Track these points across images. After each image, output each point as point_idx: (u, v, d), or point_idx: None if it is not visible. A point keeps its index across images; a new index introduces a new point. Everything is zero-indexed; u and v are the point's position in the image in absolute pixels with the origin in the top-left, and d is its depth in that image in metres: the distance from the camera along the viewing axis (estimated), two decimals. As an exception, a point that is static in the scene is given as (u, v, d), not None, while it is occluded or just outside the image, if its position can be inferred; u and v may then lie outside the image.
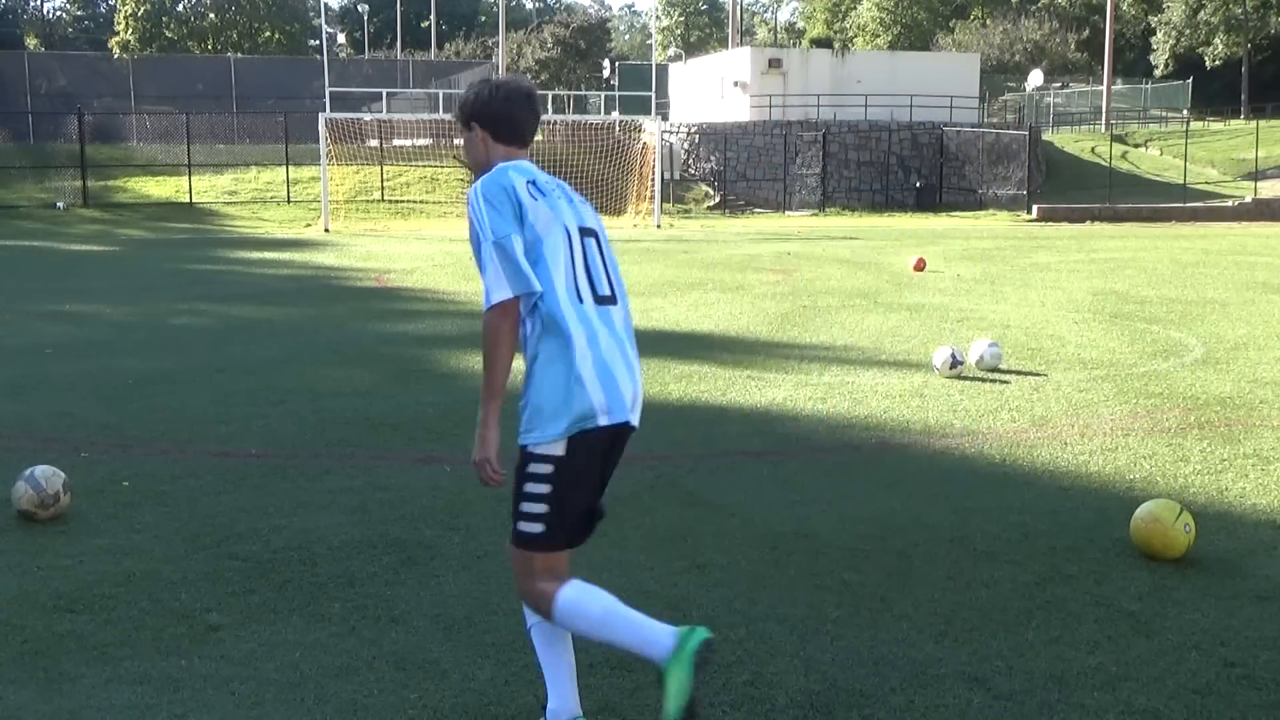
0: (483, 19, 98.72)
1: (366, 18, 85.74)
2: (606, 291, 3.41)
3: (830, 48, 59.86)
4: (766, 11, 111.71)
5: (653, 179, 33.39)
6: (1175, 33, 66.23)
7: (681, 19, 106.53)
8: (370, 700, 3.82)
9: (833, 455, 7.11)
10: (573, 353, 3.25)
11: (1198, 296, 15.10)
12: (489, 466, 3.28)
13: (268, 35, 69.58)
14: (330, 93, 33.06)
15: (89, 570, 4.98)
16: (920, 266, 18.68)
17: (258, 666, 4.05)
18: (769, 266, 19.86)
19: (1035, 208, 36.08)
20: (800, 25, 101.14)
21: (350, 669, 4.04)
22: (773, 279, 17.69)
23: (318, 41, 60.45)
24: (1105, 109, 54.55)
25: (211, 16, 68.60)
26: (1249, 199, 37.00)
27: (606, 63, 68.53)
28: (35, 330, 12.30)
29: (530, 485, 3.29)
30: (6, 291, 16.10)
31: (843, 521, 5.71)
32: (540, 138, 41.83)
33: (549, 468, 3.27)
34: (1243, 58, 64.03)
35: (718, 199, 40.26)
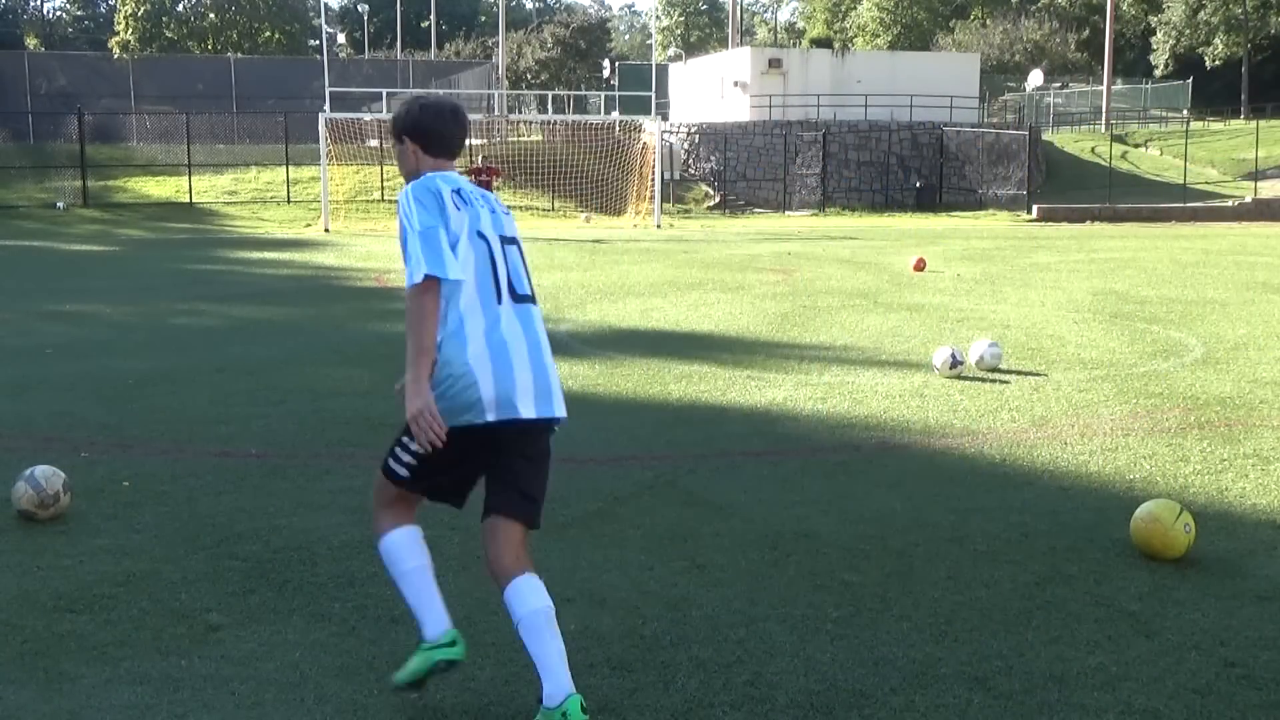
0: (483, 19, 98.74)
1: (366, 18, 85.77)
2: (526, 292, 3.70)
3: (830, 48, 59.86)
4: (766, 11, 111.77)
5: (653, 179, 33.37)
6: (1175, 33, 66.27)
7: (681, 19, 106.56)
8: (370, 700, 3.81)
9: (833, 455, 7.10)
10: (472, 353, 3.51)
11: (1198, 296, 15.11)
12: (429, 413, 3.42)
13: (268, 35, 69.61)
14: (330, 93, 33.06)
15: (89, 570, 4.98)
16: (920, 266, 18.68)
17: (258, 666, 4.05)
18: (769, 266, 19.86)
19: (1035, 208, 36.09)
20: (800, 25, 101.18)
21: (350, 669, 4.04)
22: (773, 279, 17.69)
23: (318, 41, 60.49)
24: (1105, 109, 54.56)
25: (211, 16, 68.62)
26: (1249, 199, 37.02)
27: (606, 63, 68.63)
28: (35, 330, 12.30)
29: (409, 440, 3.64)
30: (6, 291, 16.10)
31: (843, 521, 5.71)
32: (540, 138, 41.87)
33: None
34: (1243, 58, 64.06)
35: (718, 199, 40.26)
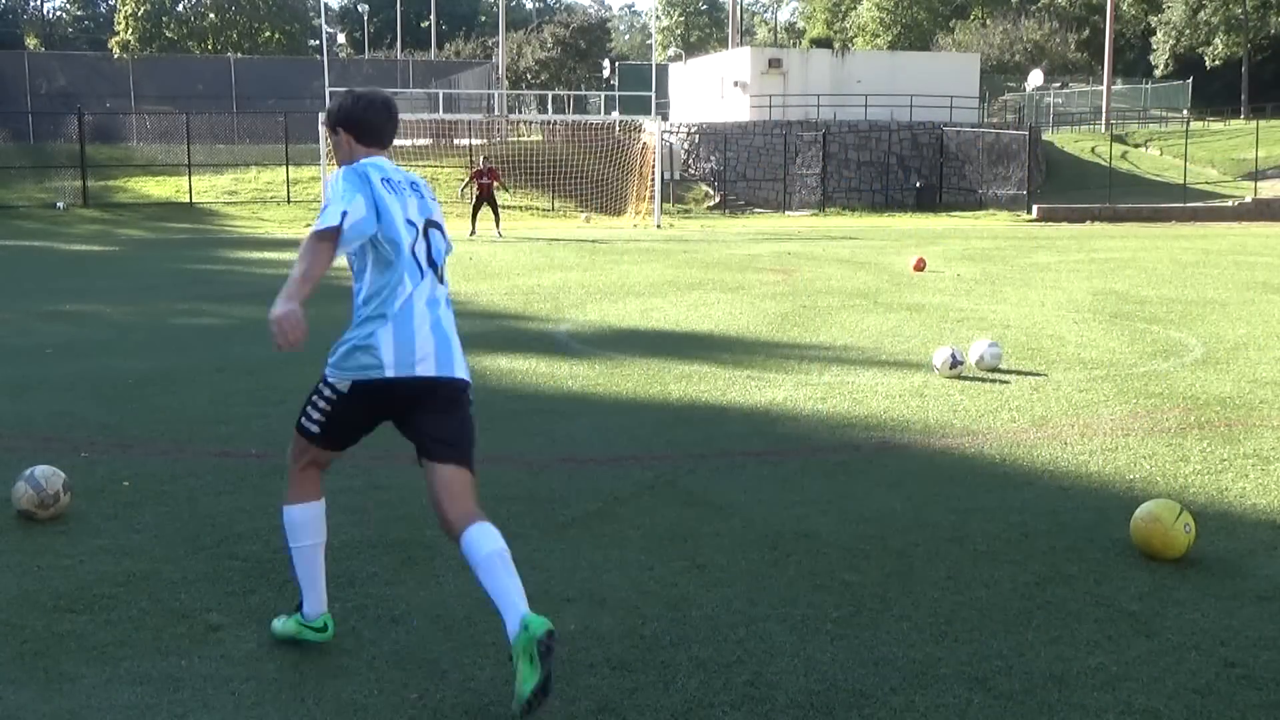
0: (483, 19, 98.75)
1: (366, 18, 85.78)
2: (442, 273, 4.11)
3: (830, 48, 59.88)
4: (766, 11, 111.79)
5: (653, 179, 33.37)
6: (1175, 33, 66.29)
7: (681, 19, 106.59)
8: (370, 700, 3.81)
9: (833, 455, 7.10)
10: (379, 319, 3.91)
11: (1198, 296, 15.11)
12: (292, 318, 3.66)
13: (268, 35, 69.63)
14: (330, 93, 32.99)
15: (89, 570, 4.98)
16: (920, 266, 18.68)
17: (258, 666, 4.05)
18: (769, 266, 19.85)
19: (1035, 208, 36.09)
20: (800, 25, 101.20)
21: (350, 669, 4.04)
22: (773, 279, 17.69)
23: (318, 41, 60.50)
24: (1105, 109, 54.57)
25: (211, 16, 68.64)
26: (1249, 199, 37.02)
27: (606, 63, 68.66)
28: (35, 330, 12.30)
29: (317, 399, 4.05)
30: (6, 291, 16.10)
31: (843, 521, 5.71)
32: (540, 138, 41.88)
33: (333, 396, 4.00)
34: (1243, 58, 64.06)
35: (718, 199, 40.26)
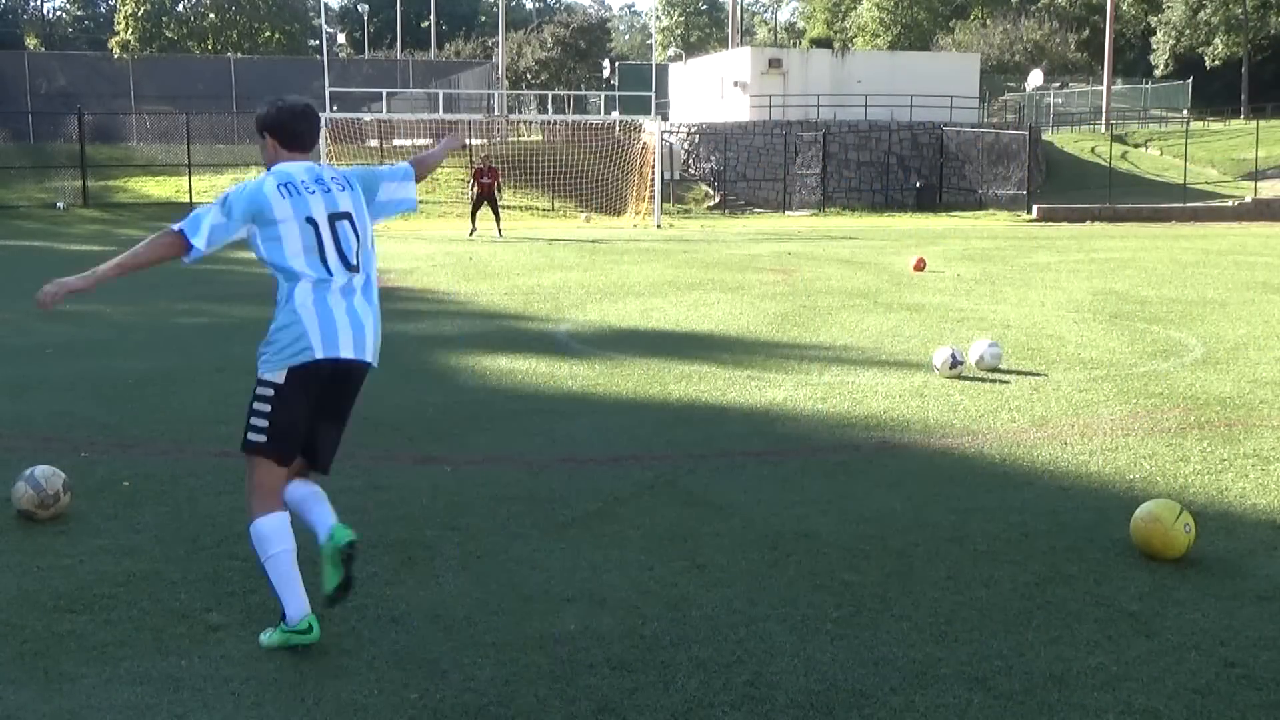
0: (483, 19, 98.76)
1: (366, 18, 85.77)
2: (354, 262, 4.33)
3: (830, 48, 59.87)
4: (766, 11, 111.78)
5: (653, 179, 33.37)
6: (1175, 33, 66.27)
7: (681, 19, 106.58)
8: (370, 700, 3.82)
9: (833, 455, 7.10)
10: (299, 307, 4.18)
11: (1198, 296, 15.11)
12: (63, 291, 4.35)
13: (268, 35, 69.60)
14: (330, 93, 33.05)
15: (89, 570, 4.98)
16: (920, 266, 18.68)
17: (258, 666, 4.05)
18: (769, 266, 19.85)
19: (1035, 208, 36.08)
20: (800, 25, 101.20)
21: (350, 669, 4.04)
22: (773, 279, 17.69)
23: (318, 41, 60.48)
24: (1105, 109, 54.57)
25: (211, 16, 68.61)
26: (1249, 199, 37.01)
27: (606, 63, 68.65)
28: (35, 330, 12.29)
29: (257, 404, 4.22)
30: (6, 291, 16.09)
31: (843, 521, 5.71)
32: (540, 138, 41.87)
33: (270, 392, 4.19)
34: (1243, 58, 64.06)
35: (718, 199, 40.26)
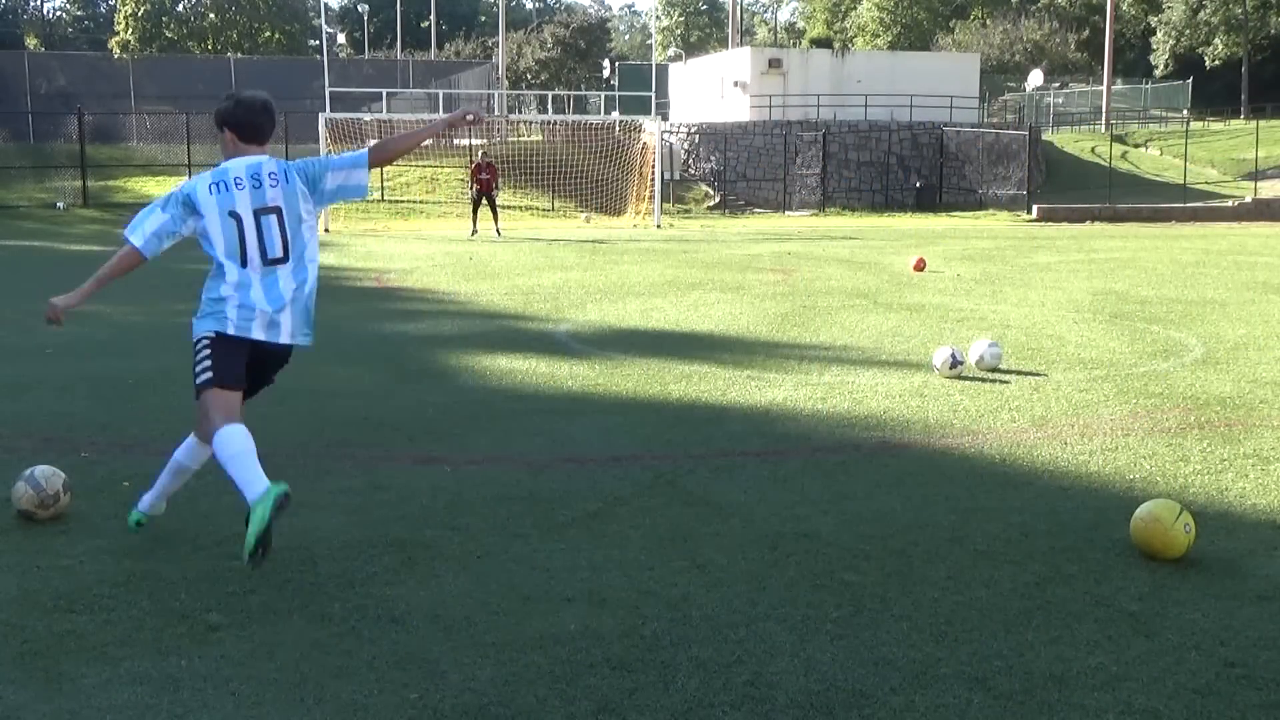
0: (483, 19, 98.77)
1: (366, 18, 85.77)
2: (278, 254, 4.89)
3: (830, 48, 59.89)
4: (766, 11, 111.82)
5: (653, 179, 33.38)
6: (1175, 33, 66.29)
7: (681, 19, 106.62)
8: (370, 700, 3.81)
9: (833, 455, 7.10)
10: (223, 291, 4.87)
11: (1198, 296, 15.11)
12: (61, 308, 5.03)
13: (268, 35, 69.63)
14: (330, 93, 33.07)
15: (89, 570, 4.98)
16: (920, 266, 18.68)
17: (258, 666, 4.05)
18: (769, 266, 19.86)
19: (1035, 208, 36.10)
20: (800, 25, 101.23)
21: (350, 669, 4.04)
22: (773, 279, 17.69)
23: (318, 41, 60.49)
24: (1105, 109, 54.59)
25: (211, 16, 68.64)
26: (1249, 199, 37.03)
27: (606, 63, 68.67)
28: (35, 330, 12.29)
29: (199, 355, 4.89)
30: (6, 291, 16.10)
31: (843, 521, 5.71)
32: (540, 138, 41.87)
33: (205, 342, 4.88)
34: (1243, 58, 64.07)
35: (718, 199, 40.27)
